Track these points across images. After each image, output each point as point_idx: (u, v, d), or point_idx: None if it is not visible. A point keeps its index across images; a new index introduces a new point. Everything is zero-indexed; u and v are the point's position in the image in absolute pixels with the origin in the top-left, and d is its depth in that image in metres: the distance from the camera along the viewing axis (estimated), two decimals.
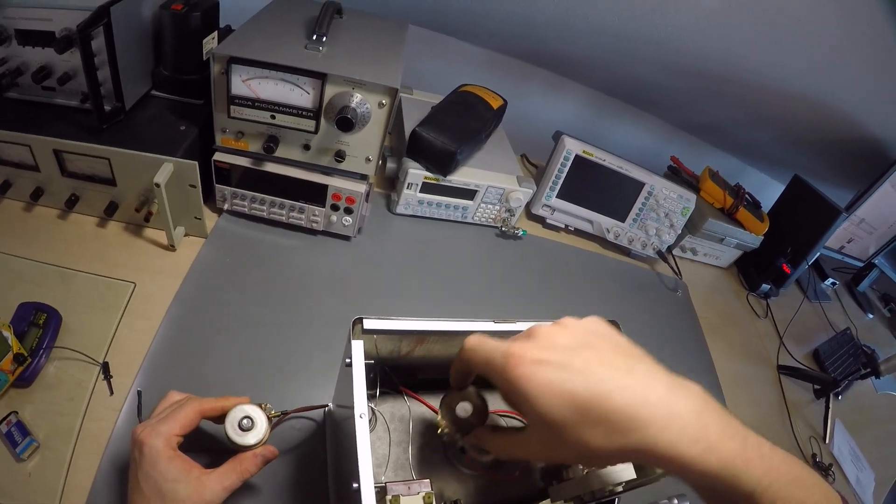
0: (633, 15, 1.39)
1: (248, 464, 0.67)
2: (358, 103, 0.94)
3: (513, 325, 0.68)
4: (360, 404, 0.55)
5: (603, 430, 0.43)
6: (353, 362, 0.58)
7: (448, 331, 0.66)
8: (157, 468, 0.61)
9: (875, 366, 1.45)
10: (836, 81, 1.49)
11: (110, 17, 0.92)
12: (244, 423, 0.68)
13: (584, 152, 1.32)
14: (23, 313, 0.87)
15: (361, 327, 0.61)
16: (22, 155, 0.99)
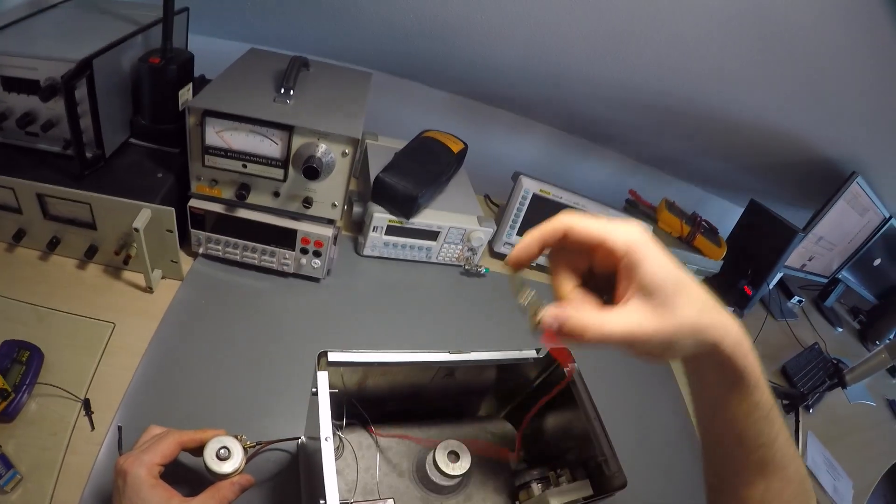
0: (590, 56, 1.44)
1: (226, 491, 0.69)
2: (323, 153, 1.00)
3: (467, 355, 0.74)
4: (326, 428, 0.60)
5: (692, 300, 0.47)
6: (319, 391, 0.63)
7: (406, 361, 0.71)
8: (139, 495, 0.64)
9: (841, 376, 1.49)
10: (784, 107, 1.54)
11: (93, 69, 0.97)
12: (221, 452, 0.71)
13: (541, 191, 1.38)
14: (6, 350, 0.89)
15: (326, 360, 0.66)
16: (5, 197, 1.02)
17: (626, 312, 0.48)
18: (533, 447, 0.83)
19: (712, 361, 0.50)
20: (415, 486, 0.75)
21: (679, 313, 0.46)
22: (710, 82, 1.47)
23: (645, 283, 0.47)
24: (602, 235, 0.49)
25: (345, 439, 0.79)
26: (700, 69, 1.42)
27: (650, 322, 0.47)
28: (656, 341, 0.47)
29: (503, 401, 0.90)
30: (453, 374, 0.79)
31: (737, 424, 0.53)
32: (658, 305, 0.47)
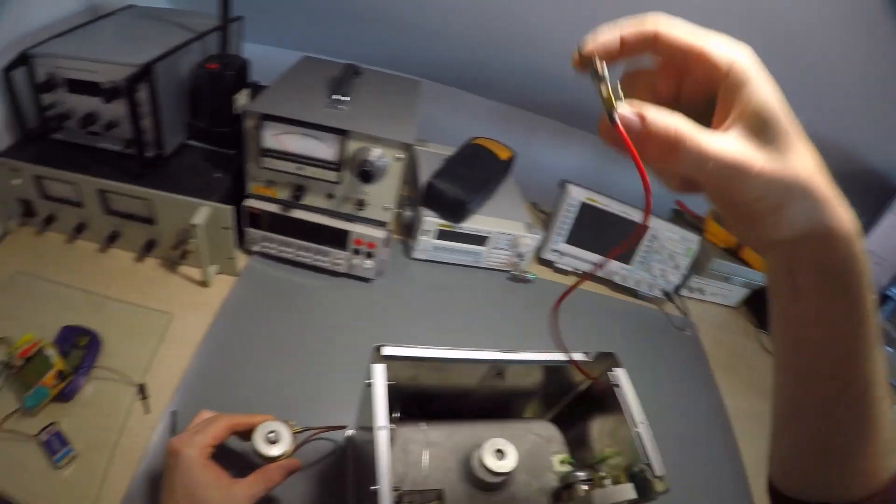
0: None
1: (274, 474, 0.71)
2: (377, 157, 1.02)
3: (517, 355, 0.76)
4: (381, 418, 0.62)
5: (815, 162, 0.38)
6: (374, 383, 0.65)
7: (458, 358, 0.73)
8: (190, 474, 0.66)
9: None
10: (835, 118, 1.49)
11: (154, 72, 1.01)
12: (271, 436, 0.73)
13: (588, 199, 1.38)
14: (66, 335, 0.94)
15: (380, 353, 0.68)
16: (67, 192, 1.07)
17: (730, 139, 0.37)
18: (576, 450, 0.83)
19: (816, 251, 0.40)
20: (460, 481, 0.76)
21: (793, 161, 0.37)
22: None
23: (754, 110, 0.37)
24: (702, 44, 0.39)
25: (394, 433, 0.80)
26: None
27: (759, 158, 0.37)
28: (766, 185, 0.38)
29: (548, 404, 0.91)
30: (502, 374, 0.80)
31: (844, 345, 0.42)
32: (768, 141, 0.37)
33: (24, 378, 0.86)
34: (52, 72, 1.03)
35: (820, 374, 0.45)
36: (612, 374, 0.76)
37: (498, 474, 0.73)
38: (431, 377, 0.78)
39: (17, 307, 1.01)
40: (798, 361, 0.47)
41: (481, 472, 0.75)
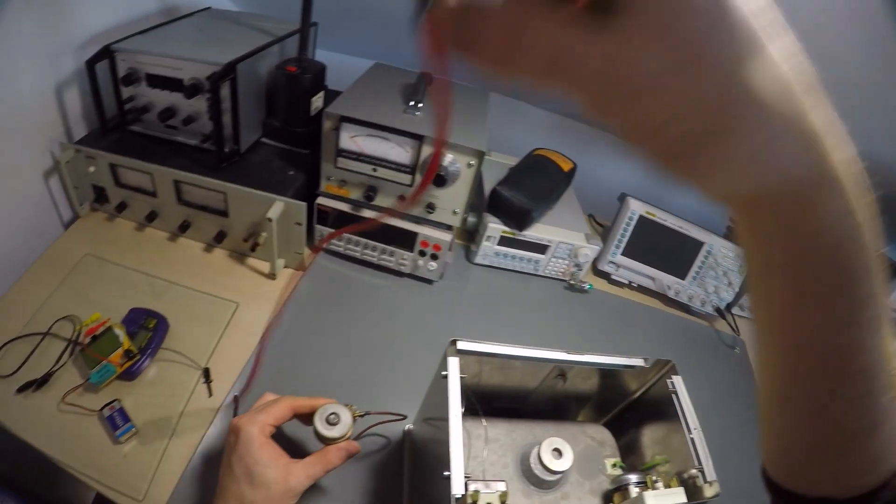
0: None
1: (333, 456, 0.71)
2: (450, 162, 1.05)
3: (581, 356, 0.77)
4: (455, 407, 0.64)
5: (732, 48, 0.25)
6: (449, 374, 0.67)
7: (527, 356, 0.75)
8: (250, 452, 0.67)
9: None
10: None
11: (237, 72, 1.05)
12: (331, 417, 0.74)
13: (647, 213, 1.39)
14: (134, 316, 0.98)
15: (456, 347, 0.70)
16: (141, 181, 1.12)
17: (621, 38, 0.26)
18: (626, 455, 0.84)
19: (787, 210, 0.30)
20: (517, 477, 0.77)
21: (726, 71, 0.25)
22: None
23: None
24: None
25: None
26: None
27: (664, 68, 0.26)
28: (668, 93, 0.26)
29: (602, 409, 0.92)
30: (564, 376, 0.82)
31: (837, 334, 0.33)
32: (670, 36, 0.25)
33: (91, 355, 0.90)
34: (133, 66, 1.08)
35: (808, 369, 0.35)
36: (671, 381, 0.78)
37: (554, 472, 0.75)
38: (495, 376, 0.80)
39: (85, 287, 1.06)
40: (779, 351, 0.37)
41: (538, 470, 0.76)
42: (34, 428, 0.85)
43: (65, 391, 0.88)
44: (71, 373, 0.92)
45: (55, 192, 1.15)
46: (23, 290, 1.04)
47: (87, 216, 1.20)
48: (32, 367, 0.91)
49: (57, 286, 1.05)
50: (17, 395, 0.88)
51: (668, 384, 0.78)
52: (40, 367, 0.91)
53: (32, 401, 0.88)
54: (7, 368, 0.90)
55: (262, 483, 0.65)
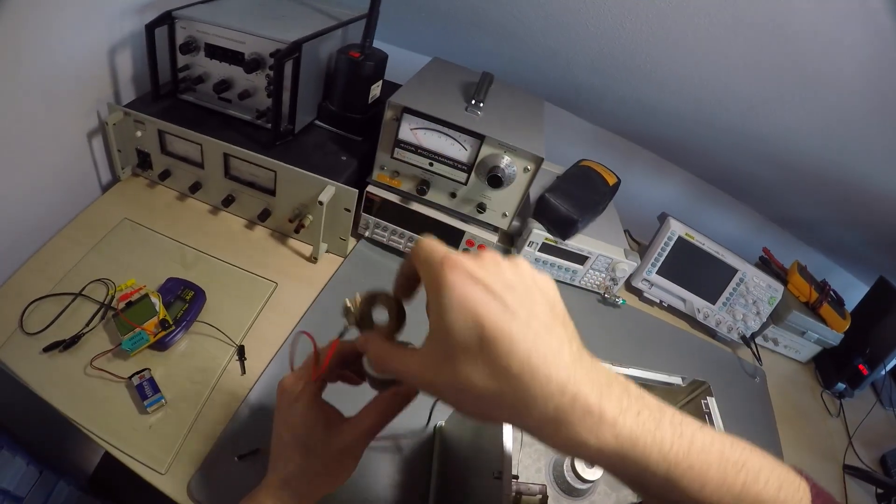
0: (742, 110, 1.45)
1: (388, 404, 0.60)
2: (507, 164, 1.05)
3: (621, 369, 0.78)
4: None
5: (492, 373, 0.39)
6: None
7: None
8: (296, 415, 0.59)
9: None
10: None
11: (301, 51, 1.05)
12: None
13: (686, 235, 1.40)
14: (171, 286, 0.98)
15: None
16: (189, 151, 1.12)
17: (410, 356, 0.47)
18: None
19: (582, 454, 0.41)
20: (548, 483, 0.78)
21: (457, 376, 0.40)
22: (870, 152, 1.44)
23: (435, 330, 0.42)
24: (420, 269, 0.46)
25: None
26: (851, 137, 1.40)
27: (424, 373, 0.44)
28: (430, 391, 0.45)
29: None
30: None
31: None
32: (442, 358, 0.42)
33: (125, 321, 0.89)
34: (193, 35, 1.09)
35: None
36: (705, 402, 0.79)
37: (585, 481, 0.76)
38: None
39: (121, 252, 1.06)
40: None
41: (570, 477, 0.77)
42: (57, 388, 0.85)
43: (94, 355, 0.88)
44: (101, 337, 0.92)
45: (97, 153, 1.15)
46: (56, 249, 1.03)
47: (127, 180, 1.20)
48: (61, 327, 0.91)
49: (92, 248, 1.05)
50: (43, 354, 0.88)
51: (702, 405, 0.79)
52: (69, 328, 0.91)
53: (58, 361, 0.88)
54: (34, 326, 0.90)
55: (313, 450, 0.59)
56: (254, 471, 0.81)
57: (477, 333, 0.39)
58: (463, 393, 0.41)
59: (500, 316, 0.39)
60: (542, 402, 0.38)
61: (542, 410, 0.39)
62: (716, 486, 0.39)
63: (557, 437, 0.39)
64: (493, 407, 0.41)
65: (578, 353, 0.41)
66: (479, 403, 0.41)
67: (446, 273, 0.41)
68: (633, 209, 1.60)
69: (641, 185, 1.81)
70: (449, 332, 0.40)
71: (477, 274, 0.41)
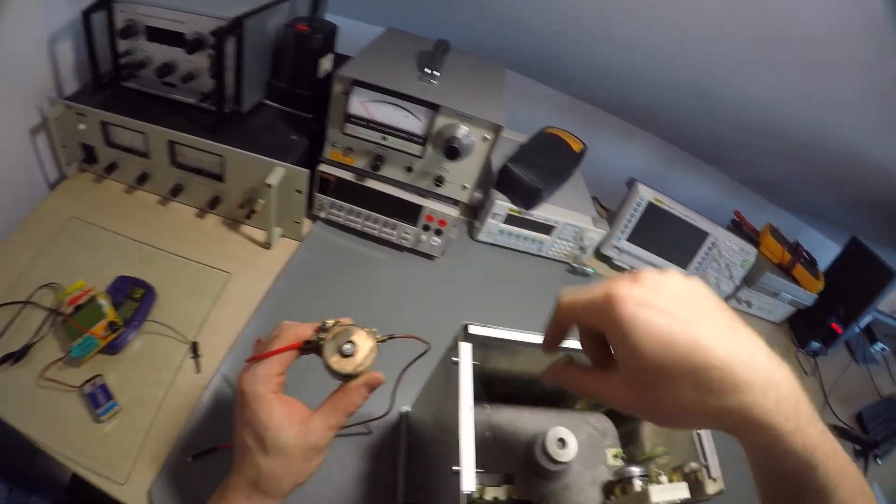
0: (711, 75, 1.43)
1: (353, 396, 0.60)
2: (465, 135, 1.01)
3: None
4: (467, 397, 0.60)
5: (698, 385, 0.41)
6: (461, 361, 0.63)
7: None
8: (257, 416, 0.56)
9: None
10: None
11: (243, 27, 1.00)
12: (346, 348, 0.59)
13: (655, 199, 1.37)
14: (120, 285, 0.93)
15: (467, 332, 0.66)
16: (134, 141, 1.06)
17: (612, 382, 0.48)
18: (625, 445, 0.82)
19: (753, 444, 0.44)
20: (519, 466, 0.75)
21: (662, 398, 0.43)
22: (830, 112, 1.43)
23: (630, 362, 0.44)
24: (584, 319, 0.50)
25: None
26: (823, 99, 1.39)
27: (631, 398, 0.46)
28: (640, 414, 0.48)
29: None
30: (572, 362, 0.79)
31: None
32: (645, 384, 0.44)
33: (73, 326, 0.84)
34: (132, 18, 1.02)
35: None
36: None
37: (559, 463, 0.73)
38: (501, 361, 0.76)
39: (70, 253, 1.00)
40: None
41: (543, 460, 0.74)
42: (11, 404, 0.80)
43: (44, 365, 0.83)
44: (51, 345, 0.87)
45: (42, 150, 1.09)
46: (2, 255, 0.98)
47: (74, 177, 1.14)
48: (11, 338, 0.86)
49: (39, 251, 0.99)
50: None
51: None
52: (19, 338, 0.86)
53: (9, 375, 0.83)
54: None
55: (276, 449, 0.56)
56: (213, 470, 0.77)
57: (672, 356, 0.41)
58: (668, 413, 0.44)
59: (688, 333, 0.41)
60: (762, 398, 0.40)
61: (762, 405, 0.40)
62: (847, 489, 0.42)
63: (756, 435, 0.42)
64: (699, 419, 0.43)
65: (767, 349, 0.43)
66: (686, 418, 0.44)
67: (619, 310, 0.43)
68: (602, 176, 1.57)
69: (610, 152, 1.78)
70: (644, 359, 0.42)
71: (647, 299, 0.43)
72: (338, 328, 0.61)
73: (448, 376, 0.65)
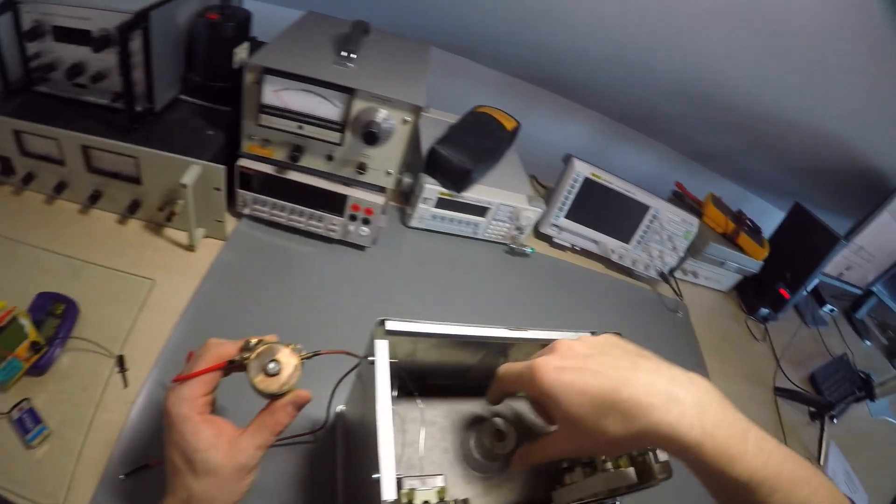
0: (645, 46, 1.42)
1: (280, 415, 0.59)
2: (383, 119, 0.98)
3: (526, 333, 0.70)
4: (384, 399, 0.57)
5: (617, 418, 0.50)
6: (377, 360, 0.60)
7: (466, 335, 0.68)
8: (184, 438, 0.56)
9: (870, 389, 1.47)
10: (838, 112, 1.51)
11: (149, 21, 0.95)
12: (270, 367, 0.59)
13: (592, 175, 1.36)
14: (41, 302, 0.88)
15: (384, 328, 0.63)
16: (48, 148, 1.01)
17: (557, 440, 0.58)
18: None
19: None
20: (457, 463, 0.73)
21: (596, 437, 0.52)
22: (766, 79, 1.45)
23: (562, 418, 0.54)
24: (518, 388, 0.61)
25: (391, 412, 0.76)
26: (757, 65, 1.40)
27: (576, 447, 0.57)
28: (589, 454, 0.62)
29: None
30: (506, 353, 0.77)
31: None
32: (580, 431, 0.53)
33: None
34: (39, 19, 0.97)
35: None
36: None
37: (497, 455, 0.71)
38: (430, 353, 0.73)
39: None
40: None
41: (479, 454, 0.72)
42: None
43: None
44: None
45: None
46: None
47: None
48: None
49: None
50: None
51: None
52: None
53: None
54: None
55: (206, 471, 0.56)
56: (148, 487, 0.75)
57: (593, 405, 0.51)
58: (605, 446, 0.54)
59: (597, 380, 0.52)
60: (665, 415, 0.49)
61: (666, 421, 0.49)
62: (784, 494, 0.48)
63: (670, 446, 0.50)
64: (629, 444, 0.52)
65: (671, 374, 0.53)
66: (620, 446, 0.52)
67: (542, 378, 0.54)
68: (541, 154, 1.56)
69: (548, 129, 1.77)
70: (571, 413, 0.52)
71: (561, 364, 0.54)
72: (262, 347, 0.61)
73: (368, 376, 0.62)
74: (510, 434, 0.70)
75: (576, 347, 0.57)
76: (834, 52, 1.30)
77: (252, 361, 0.60)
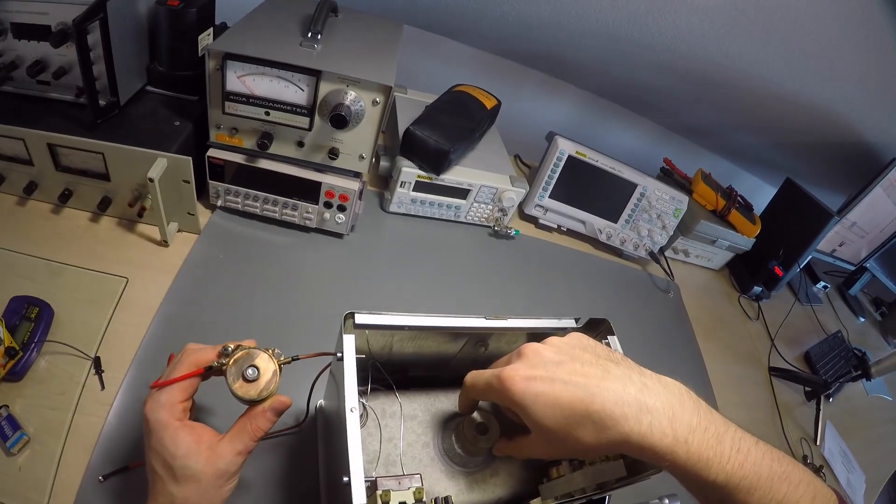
0: (628, 17, 1.39)
1: (259, 421, 0.59)
2: (352, 101, 0.95)
3: (504, 321, 0.68)
4: (351, 398, 0.55)
5: (589, 428, 0.50)
6: (345, 356, 0.58)
7: (439, 326, 0.66)
8: (163, 444, 0.56)
9: (866, 368, 1.45)
10: (830, 86, 1.50)
11: (106, 11, 0.92)
12: (249, 373, 0.59)
13: (577, 153, 1.33)
14: (15, 307, 0.87)
15: (353, 322, 0.60)
16: (16, 149, 0.99)
17: (532, 443, 0.59)
18: None
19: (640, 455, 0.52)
20: (439, 458, 0.71)
21: (571, 445, 0.53)
22: (755, 52, 1.42)
23: (534, 427, 0.54)
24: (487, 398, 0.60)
25: (368, 407, 0.73)
26: (746, 38, 1.37)
27: (550, 452, 0.58)
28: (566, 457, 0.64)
29: None
30: (486, 342, 0.74)
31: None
32: (553, 439, 0.53)
33: None
34: None
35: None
36: (606, 342, 0.71)
37: (480, 450, 0.68)
38: (407, 345, 0.72)
39: None
40: None
41: (462, 449, 0.70)
42: None
43: None
44: None
45: None
46: None
47: None
48: None
49: None
50: None
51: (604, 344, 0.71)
52: None
53: None
54: None
55: (186, 477, 0.56)
56: (127, 490, 0.75)
57: (564, 416, 0.51)
58: (581, 452, 0.58)
59: (567, 391, 0.51)
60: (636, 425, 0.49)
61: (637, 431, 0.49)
62: (763, 493, 0.48)
63: (644, 455, 0.50)
64: (604, 450, 0.53)
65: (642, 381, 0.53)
66: (596, 451, 0.53)
67: (510, 387, 0.53)
68: (525, 132, 1.54)
69: (532, 107, 1.75)
70: (542, 424, 0.53)
71: (530, 373, 0.54)
72: (240, 352, 0.61)
73: (338, 373, 0.61)
74: (493, 427, 0.68)
75: (544, 353, 0.56)
76: (828, 25, 1.28)
77: (230, 367, 0.60)
